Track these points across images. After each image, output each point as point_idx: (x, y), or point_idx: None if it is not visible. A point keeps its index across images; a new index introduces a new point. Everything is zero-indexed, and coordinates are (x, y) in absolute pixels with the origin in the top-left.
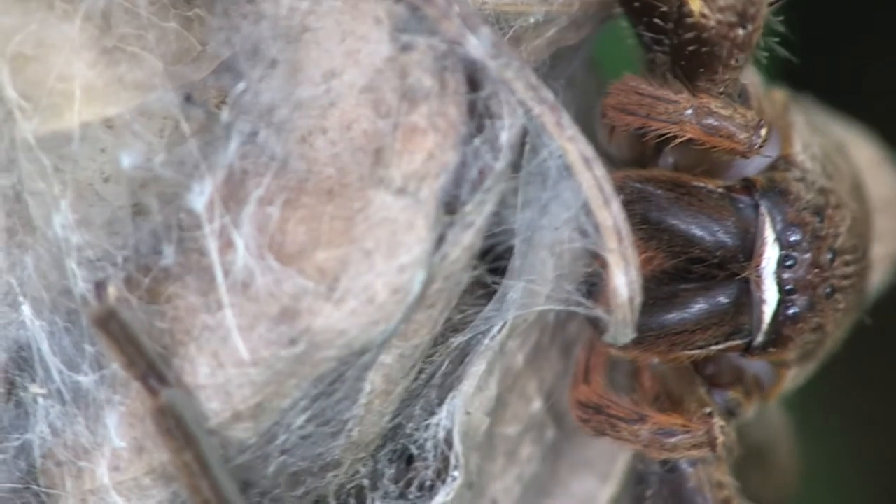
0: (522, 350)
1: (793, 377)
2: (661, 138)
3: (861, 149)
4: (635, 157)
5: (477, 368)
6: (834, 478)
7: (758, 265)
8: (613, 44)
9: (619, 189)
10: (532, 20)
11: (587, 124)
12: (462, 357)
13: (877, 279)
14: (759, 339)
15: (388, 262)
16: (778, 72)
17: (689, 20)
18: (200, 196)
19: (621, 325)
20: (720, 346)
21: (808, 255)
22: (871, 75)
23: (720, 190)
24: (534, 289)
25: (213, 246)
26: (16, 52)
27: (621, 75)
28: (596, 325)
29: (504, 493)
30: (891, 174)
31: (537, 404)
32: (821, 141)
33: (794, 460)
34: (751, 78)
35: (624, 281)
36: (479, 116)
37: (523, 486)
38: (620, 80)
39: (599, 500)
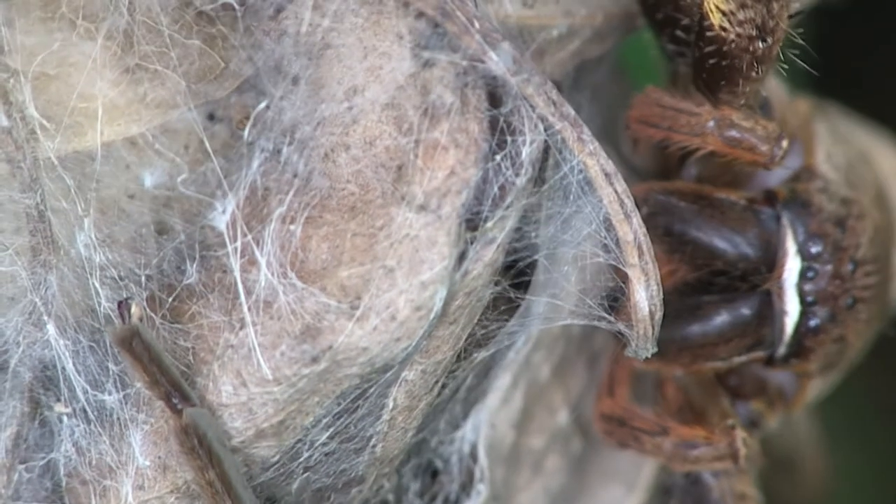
0: (548, 363)
1: (815, 387)
2: (685, 150)
3: (886, 156)
4: (659, 168)
5: (501, 382)
6: (857, 480)
7: (779, 277)
8: (640, 53)
9: (643, 201)
10: (555, 33)
11: (613, 135)
12: (486, 370)
13: None
14: (782, 350)
15: (410, 280)
16: (802, 79)
17: (710, 33)
18: (223, 214)
19: (642, 339)
20: (743, 358)
21: (829, 267)
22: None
23: (742, 202)
24: (557, 303)
25: (235, 264)
26: (38, 72)
27: (644, 87)
28: (618, 337)
29: None
30: None
31: (563, 416)
32: (844, 150)
33: (823, 467)
34: (774, 88)
35: (644, 296)
36: (500, 132)
37: (550, 498)
38: (643, 92)
39: None
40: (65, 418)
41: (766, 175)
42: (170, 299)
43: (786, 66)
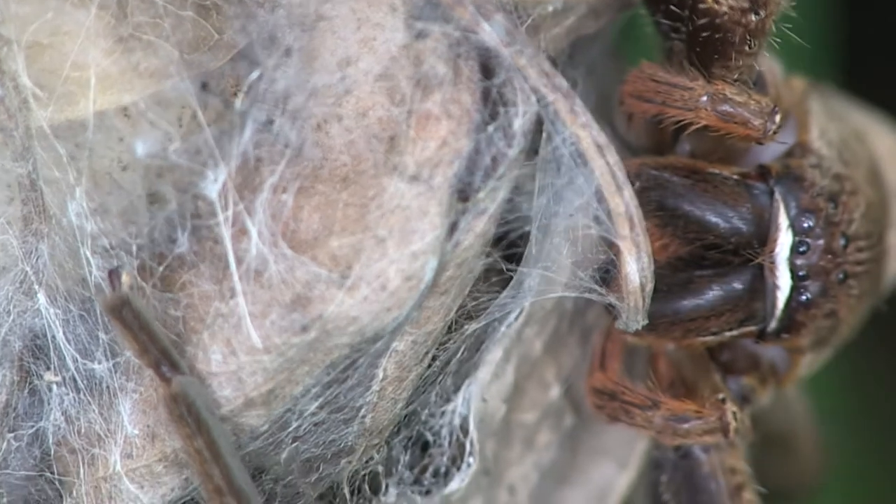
0: (540, 337)
1: (808, 363)
2: (678, 125)
3: (882, 137)
4: (653, 144)
5: (493, 355)
6: (856, 465)
7: (771, 251)
8: (635, 31)
9: (636, 176)
10: (550, 8)
11: (607, 112)
12: (478, 344)
13: (895, 267)
14: (773, 324)
15: (400, 250)
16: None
17: (703, 6)
18: (214, 184)
19: (633, 311)
20: (734, 333)
21: (821, 241)
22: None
23: (735, 177)
24: (549, 276)
25: (226, 233)
26: (31, 41)
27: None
28: (610, 312)
29: (521, 480)
30: None
31: (555, 391)
32: (838, 127)
33: (818, 447)
34: (769, 65)
35: (635, 268)
36: (492, 104)
37: (541, 474)
38: (637, 67)
39: (618, 487)
40: (54, 387)
41: (759, 151)
42: (161, 268)
43: (779, 41)
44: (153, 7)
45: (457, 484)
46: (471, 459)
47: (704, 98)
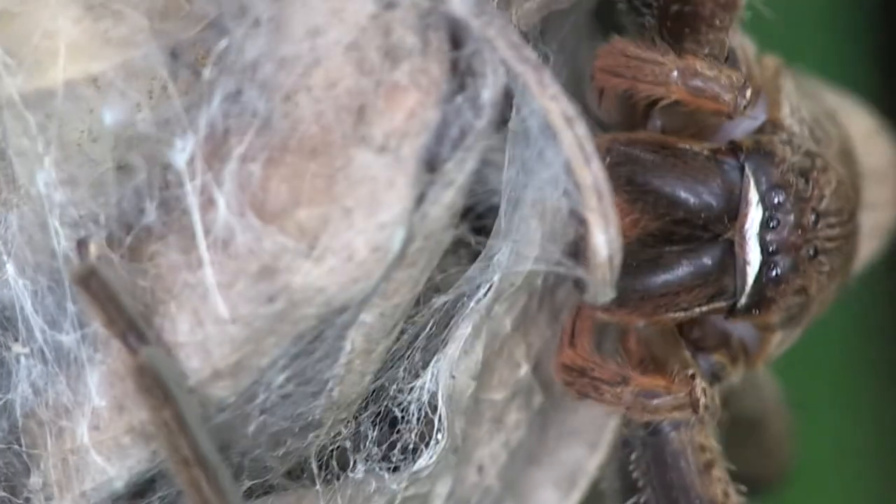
0: (510, 315)
1: (778, 342)
2: (649, 100)
3: (856, 119)
4: (624, 121)
5: (462, 331)
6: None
7: (741, 226)
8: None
9: (606, 151)
10: None
11: (579, 89)
12: (447, 320)
13: (871, 248)
14: (743, 300)
15: (368, 220)
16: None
17: None
18: (182, 153)
19: (601, 284)
20: (704, 308)
21: (791, 217)
22: None
23: (706, 152)
24: (519, 250)
25: (194, 203)
26: (1, 9)
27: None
28: (579, 286)
29: (490, 458)
30: (885, 145)
31: (525, 370)
32: (810, 105)
33: (788, 432)
34: (743, 42)
35: (603, 240)
36: (461, 74)
37: (510, 453)
38: (609, 43)
39: (587, 469)
40: (22, 359)
41: (730, 128)
42: (129, 239)
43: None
44: None
45: (425, 461)
46: (439, 436)
47: (675, 73)
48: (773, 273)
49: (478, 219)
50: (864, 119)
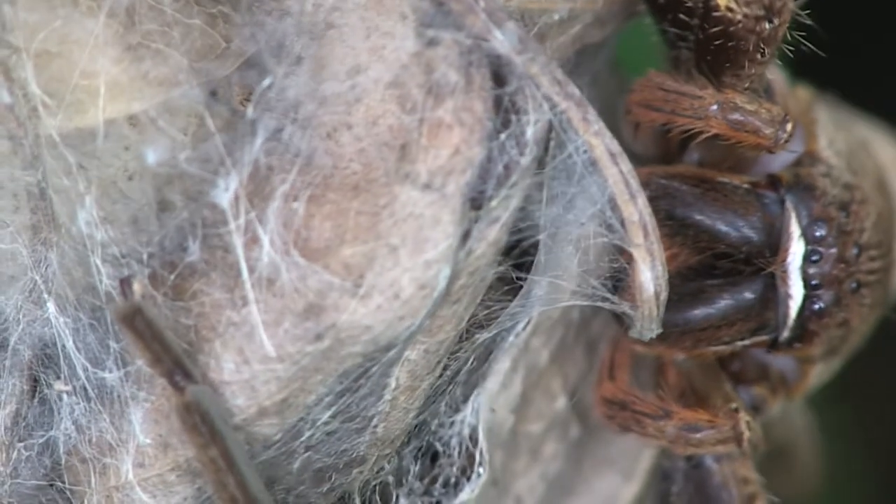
0: (547, 347)
1: (818, 373)
2: (686, 134)
3: (885, 147)
4: (660, 153)
5: (501, 365)
6: (853, 475)
7: (783, 260)
8: (638, 42)
9: (645, 185)
10: (556, 17)
11: (611, 123)
12: (487, 354)
13: None
14: (785, 334)
15: (413, 258)
16: (803, 70)
17: (716, 14)
18: (225, 192)
19: (647, 320)
20: (746, 342)
21: (833, 250)
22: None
23: (745, 186)
24: (559, 284)
25: (238, 242)
26: (40, 49)
27: (645, 72)
28: (621, 321)
29: (528, 490)
30: None
31: (561, 402)
32: (845, 137)
33: (817, 459)
34: (775, 75)
35: (650, 276)
36: (504, 112)
37: (547, 484)
38: (645, 76)
39: (623, 499)
40: (64, 396)
41: (768, 161)
42: (172, 277)
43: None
44: (162, 15)
45: (466, 495)
46: (480, 470)
47: (715, 107)
48: (816, 307)
49: (521, 255)
50: (892, 147)
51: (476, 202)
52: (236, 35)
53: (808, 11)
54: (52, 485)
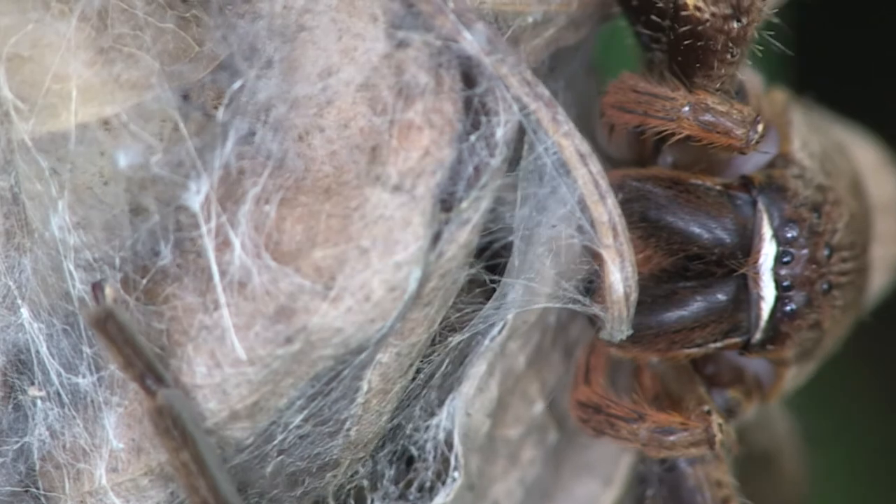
0: (524, 352)
1: (792, 377)
2: (660, 136)
3: (863, 151)
4: (635, 156)
5: (477, 369)
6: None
7: (755, 262)
8: (616, 45)
9: (618, 188)
10: (530, 20)
11: (586, 127)
12: (462, 358)
13: (879, 281)
14: (758, 336)
15: (384, 260)
16: (780, 73)
17: (684, 13)
18: (197, 195)
19: (617, 321)
20: (718, 344)
21: (805, 252)
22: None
23: (718, 187)
24: (533, 287)
25: (209, 245)
26: (12, 53)
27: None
28: (593, 323)
29: (506, 495)
30: (892, 177)
31: (539, 406)
32: (820, 139)
33: (802, 467)
34: (750, 77)
35: (619, 277)
36: (474, 113)
37: (525, 489)
38: (618, 78)
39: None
40: (38, 402)
41: (741, 163)
42: (144, 281)
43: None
44: (133, 19)
45: (441, 499)
46: (456, 474)
47: (686, 108)
48: (788, 308)
49: (492, 257)
50: (871, 152)
51: (446, 204)
52: (209, 38)
53: (776, 10)
54: (27, 490)
